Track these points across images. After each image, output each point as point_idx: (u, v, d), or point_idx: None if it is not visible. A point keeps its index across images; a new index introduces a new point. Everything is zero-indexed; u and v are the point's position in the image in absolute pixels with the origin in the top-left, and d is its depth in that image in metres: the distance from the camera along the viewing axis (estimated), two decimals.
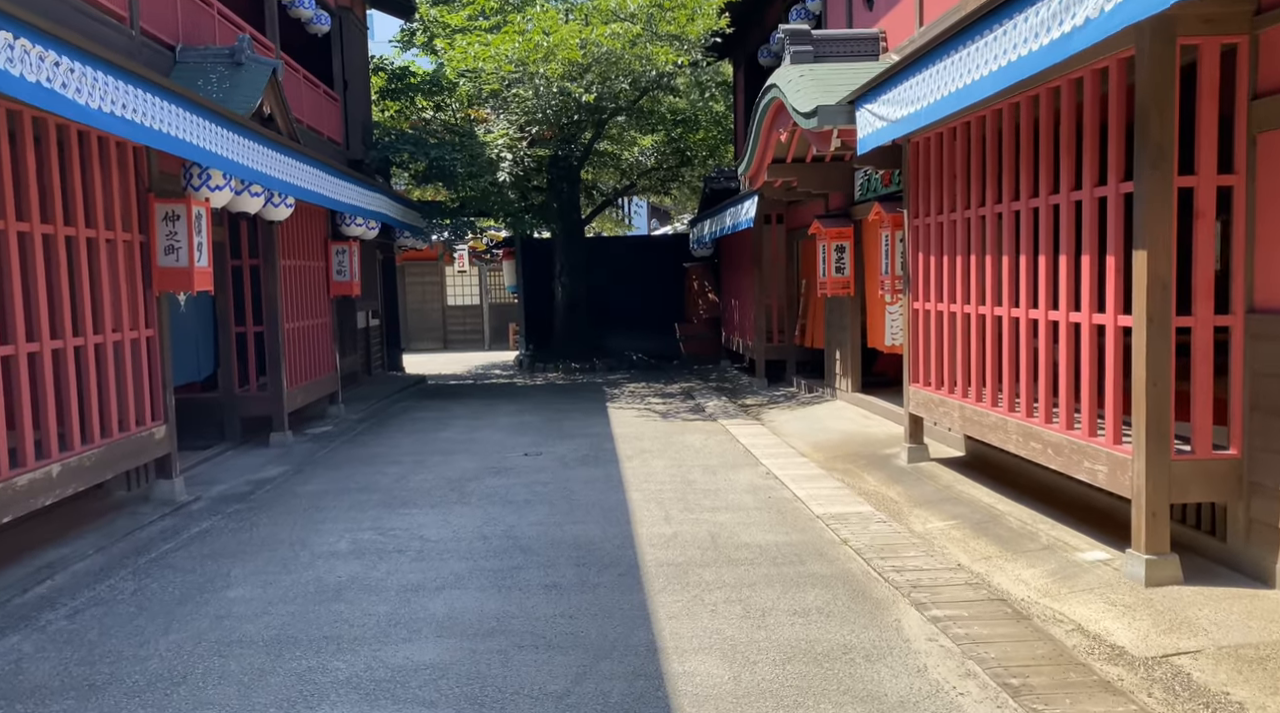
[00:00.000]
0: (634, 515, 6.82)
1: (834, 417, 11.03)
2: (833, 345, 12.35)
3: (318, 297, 11.86)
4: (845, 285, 11.42)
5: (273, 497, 7.73)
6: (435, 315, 26.78)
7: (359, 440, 10.67)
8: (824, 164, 11.36)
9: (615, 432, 10.92)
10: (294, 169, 9.17)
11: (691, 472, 8.45)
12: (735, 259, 17.13)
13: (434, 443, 10.37)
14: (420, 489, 7.88)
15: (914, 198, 8.03)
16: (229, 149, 7.46)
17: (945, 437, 8.63)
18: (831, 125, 8.24)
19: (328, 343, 12.15)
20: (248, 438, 10.31)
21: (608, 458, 9.20)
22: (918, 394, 7.96)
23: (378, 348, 17.49)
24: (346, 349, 15.03)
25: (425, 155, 14.61)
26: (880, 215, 9.20)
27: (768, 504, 7.13)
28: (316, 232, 11.92)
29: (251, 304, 10.22)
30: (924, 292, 7.83)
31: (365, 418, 12.48)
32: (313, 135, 13.49)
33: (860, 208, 11.20)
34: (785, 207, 14.76)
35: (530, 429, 11.21)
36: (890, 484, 7.58)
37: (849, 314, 11.65)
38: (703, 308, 19.45)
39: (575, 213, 19.57)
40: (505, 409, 13.22)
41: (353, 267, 12.33)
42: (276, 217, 9.50)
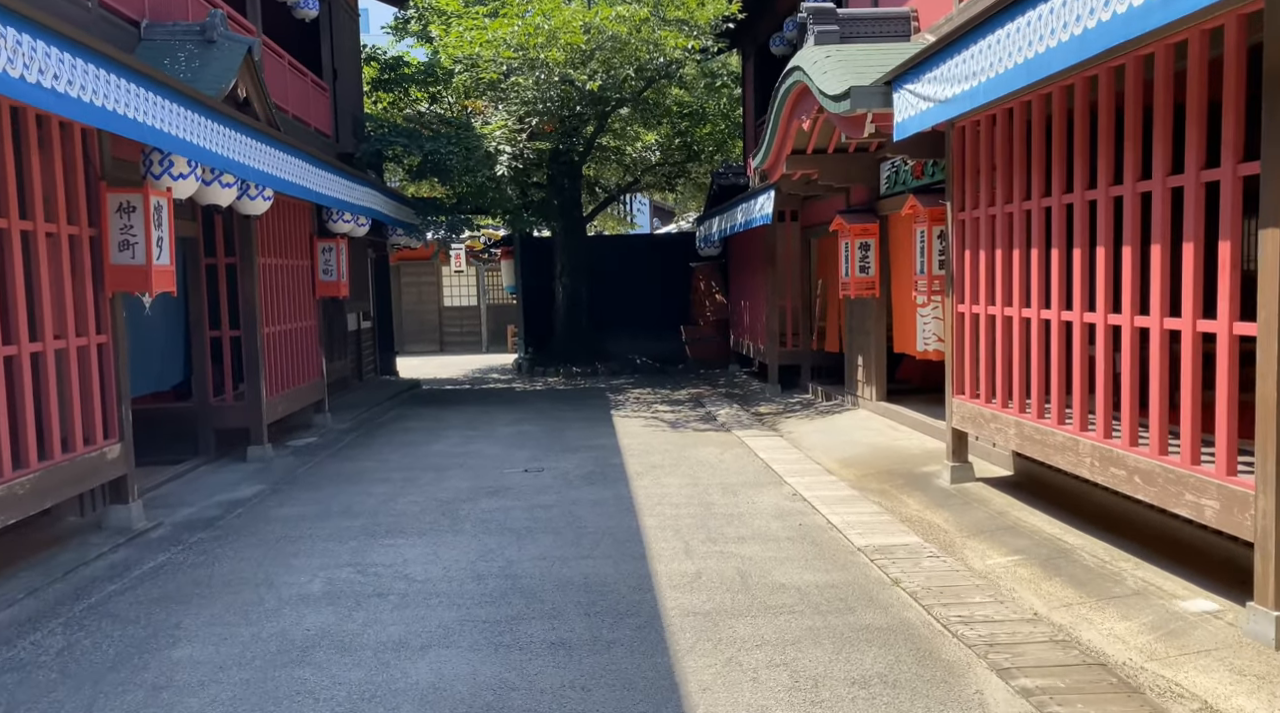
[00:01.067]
0: (650, 548, 5.99)
1: (859, 428, 10.20)
2: (854, 350, 11.53)
3: (302, 298, 11.04)
4: (870, 286, 10.60)
5: (243, 523, 6.90)
6: (431, 317, 25.95)
7: (345, 454, 9.84)
8: (847, 155, 10.55)
9: (622, 444, 10.10)
10: (272, 158, 8.35)
11: (709, 492, 7.63)
12: (745, 258, 16.31)
13: (426, 457, 9.54)
14: (408, 513, 7.06)
15: (958, 189, 7.21)
16: (195, 133, 6.63)
17: (989, 453, 7.81)
18: (865, 109, 7.43)
19: (313, 347, 11.33)
20: (223, 452, 9.48)
21: (616, 475, 8.38)
22: (963, 407, 7.15)
23: (369, 352, 16.66)
24: (335, 354, 14.20)
25: (419, 149, 13.78)
26: (915, 209, 8.38)
27: (800, 533, 6.31)
28: (301, 228, 11.09)
29: (228, 306, 9.39)
30: (970, 293, 7.02)
31: (353, 428, 11.65)
32: (298, 126, 12.67)
33: (887, 202, 10.38)
34: (801, 202, 13.94)
35: (530, 441, 10.39)
36: (935, 509, 6.76)
37: (873, 317, 10.83)
38: (710, 310, 18.64)
39: (576, 210, 18.75)
40: (503, 418, 12.39)
41: (340, 266, 11.50)
42: (253, 210, 8.68)
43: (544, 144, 15.31)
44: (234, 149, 7.42)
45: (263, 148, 8.12)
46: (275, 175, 8.45)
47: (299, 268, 10.96)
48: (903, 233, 10.17)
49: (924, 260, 8.39)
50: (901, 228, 10.18)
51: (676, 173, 18.94)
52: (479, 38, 12.68)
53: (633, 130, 19.28)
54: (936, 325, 9.65)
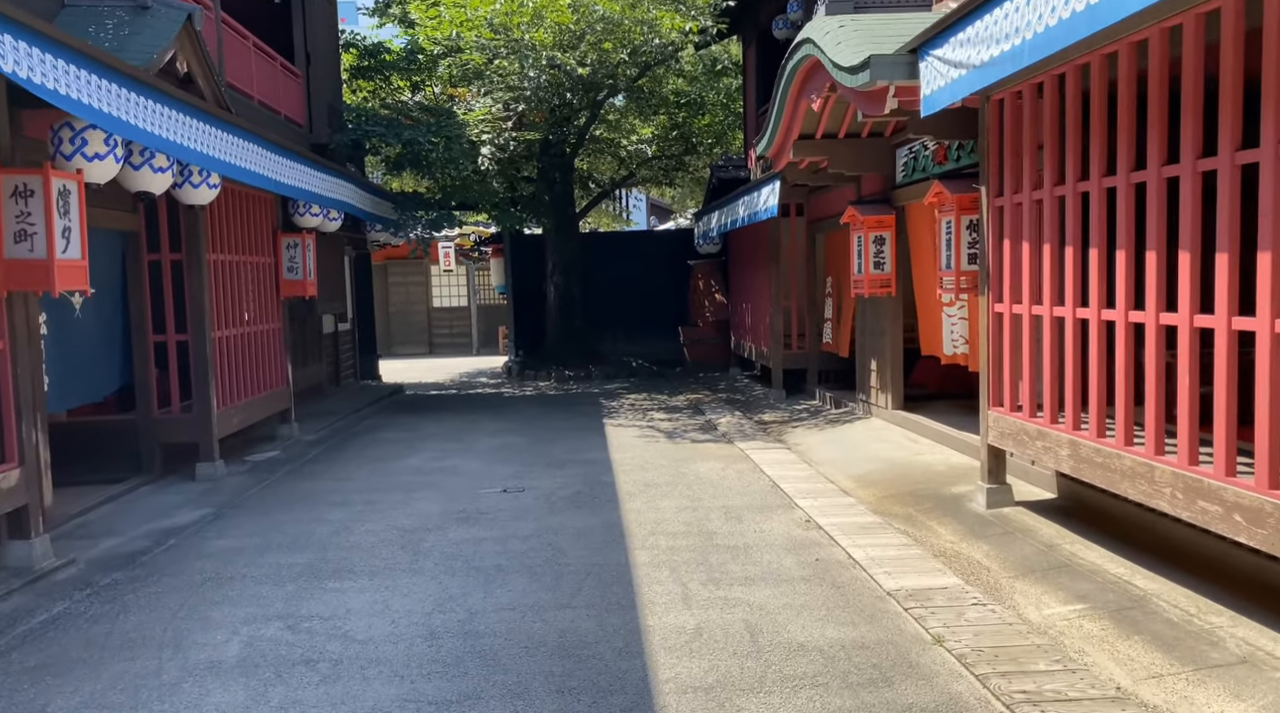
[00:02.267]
0: (641, 593, 5.05)
1: (874, 440, 9.27)
2: (867, 354, 10.60)
3: (264, 298, 10.09)
4: (885, 283, 9.67)
5: (171, 559, 5.96)
6: (420, 318, 25.00)
7: (306, 471, 8.89)
8: (859, 140, 9.63)
9: (614, 458, 9.17)
10: (219, 141, 7.42)
11: (710, 518, 6.70)
12: (747, 256, 15.38)
13: (395, 474, 8.60)
14: (363, 547, 6.11)
15: (994, 171, 6.28)
16: (113, 105, 5.70)
17: (1026, 472, 6.88)
18: (887, 81, 6.50)
19: (277, 352, 10.38)
20: (170, 469, 8.54)
21: (605, 496, 7.45)
22: (1002, 422, 6.21)
23: (348, 355, 15.72)
24: (308, 358, 13.26)
25: (397, 138, 12.83)
26: (941, 196, 7.45)
27: (817, 572, 5.38)
28: (262, 221, 10.15)
29: (173, 307, 8.44)
30: (1012, 290, 6.08)
31: (322, 440, 10.71)
32: (266, 113, 11.72)
33: (904, 192, 9.45)
34: (807, 195, 13.00)
35: (514, 455, 9.45)
36: (972, 541, 5.83)
37: (889, 317, 9.90)
38: (709, 310, 17.69)
39: (569, 206, 17.81)
40: (487, 427, 11.45)
41: (306, 262, 10.56)
42: (197, 199, 7.74)
43: (533, 134, 14.38)
44: (168, 128, 6.48)
45: (207, 129, 7.18)
46: (225, 160, 7.52)
47: (260, 265, 10.02)
48: (923, 224, 9.24)
49: (951, 254, 7.46)
50: (922, 219, 9.26)
51: (674, 166, 17.98)
52: (457, 16, 11.73)
53: (627, 123, 18.36)
54: (964, 326, 8.72)
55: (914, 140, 9.12)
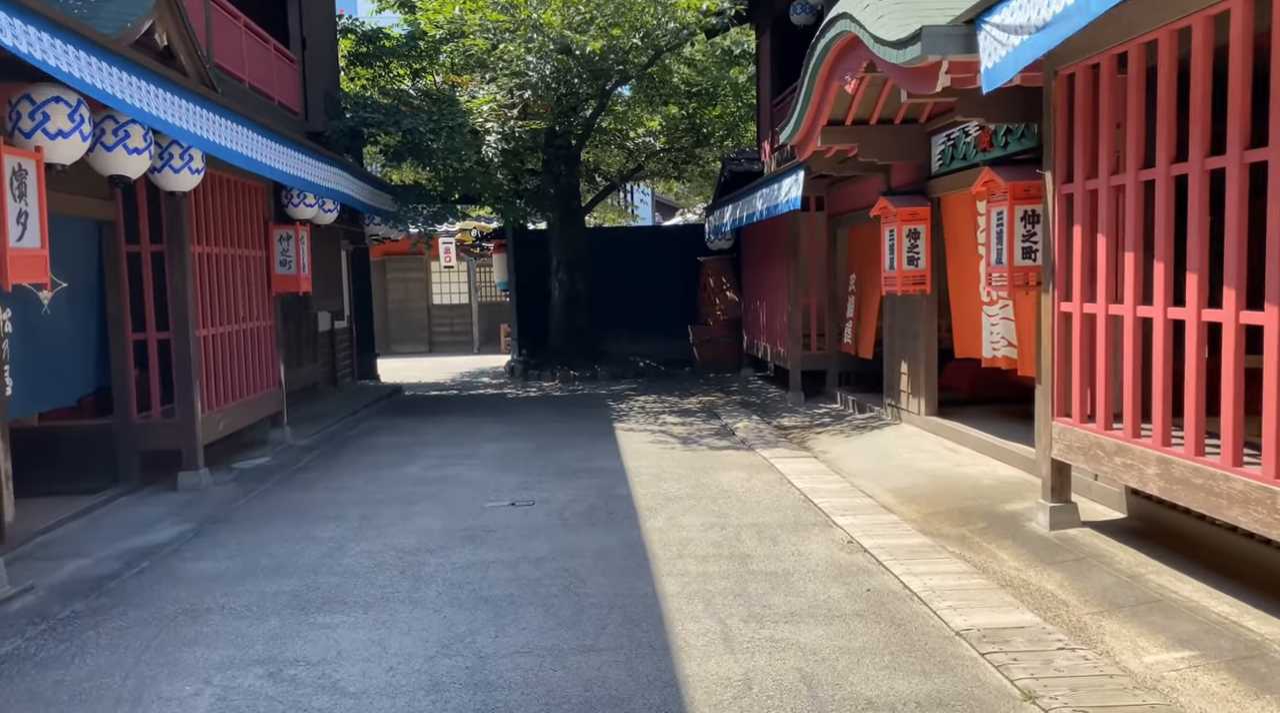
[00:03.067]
0: (674, 631, 4.42)
1: (908, 449, 8.63)
2: (897, 355, 9.96)
3: (254, 293, 9.45)
4: (919, 280, 9.02)
5: (142, 585, 5.32)
6: (419, 315, 24.35)
7: (297, 480, 8.25)
8: (892, 127, 8.99)
9: (628, 466, 8.53)
10: (202, 119, 6.77)
11: (741, 537, 6.06)
12: (762, 251, 14.73)
13: (394, 484, 7.96)
14: (358, 571, 5.47)
15: (1063, 155, 5.63)
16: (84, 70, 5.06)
17: (1088, 487, 6.24)
18: (940, 55, 5.84)
19: (268, 351, 9.74)
20: (150, 478, 7.90)
21: (622, 511, 6.81)
22: (1070, 434, 5.57)
23: (345, 354, 15.08)
24: (303, 357, 12.62)
25: (396, 127, 12.17)
26: (993, 185, 6.81)
27: (871, 605, 4.74)
28: (252, 212, 9.50)
29: (155, 303, 7.80)
30: (1084, 287, 5.44)
31: (316, 445, 10.06)
32: (258, 98, 11.08)
33: (941, 182, 8.81)
34: (827, 187, 12.36)
35: (520, 462, 8.81)
36: (1041, 568, 5.19)
37: (922, 317, 9.25)
38: (720, 308, 17.04)
39: (574, 199, 17.16)
40: (490, 431, 10.81)
41: (300, 256, 9.92)
42: (178, 185, 7.10)
43: (538, 123, 13.73)
44: (146, 101, 5.84)
45: (188, 105, 6.54)
46: (205, 138, 6.87)
47: (250, 259, 9.37)
48: (962, 216, 8.61)
49: (1002, 248, 6.81)
50: (960, 211, 8.62)
51: (684, 158, 17.31)
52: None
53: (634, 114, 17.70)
54: (1007, 327, 8.09)
55: (952, 126, 8.49)
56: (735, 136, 17.71)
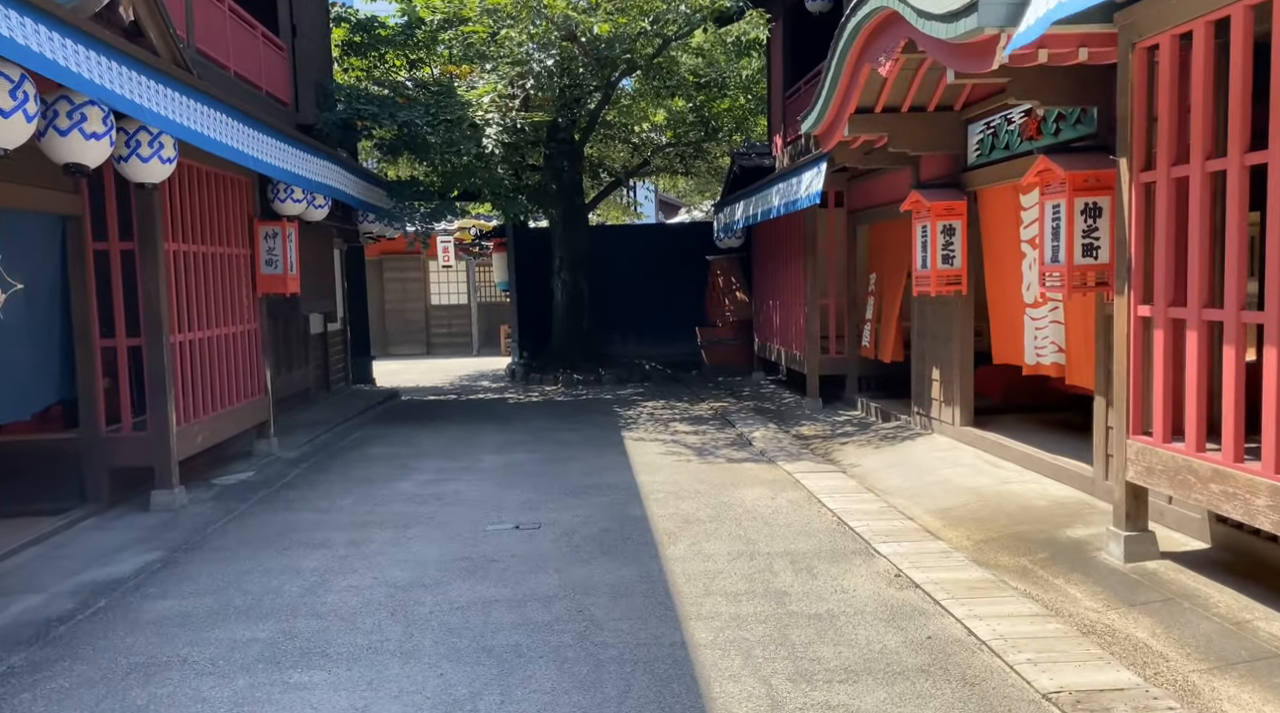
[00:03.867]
0: (711, 694, 3.76)
1: (944, 463, 7.97)
2: (927, 361, 9.30)
3: (237, 295, 8.78)
4: (955, 280, 8.36)
5: (93, 631, 4.65)
6: (417, 317, 23.67)
7: (282, 498, 7.59)
8: (926, 115, 8.34)
9: (640, 482, 7.88)
10: (173, 102, 6.11)
11: (775, 569, 5.40)
12: (775, 250, 14.07)
13: (386, 502, 7.30)
14: (342, 613, 4.81)
15: (1140, 138, 4.98)
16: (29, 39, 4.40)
17: (1161, 512, 5.58)
18: (998, 27, 5.21)
19: (253, 357, 9.07)
20: (121, 496, 7.24)
21: (639, 537, 6.15)
22: (1150, 455, 4.90)
23: (339, 358, 14.41)
24: (292, 362, 11.95)
25: (392, 118, 11.50)
26: (1049, 175, 6.14)
27: (936, 658, 4.08)
28: (235, 207, 8.83)
29: (125, 306, 7.14)
30: (1168, 289, 4.78)
31: (304, 457, 9.39)
32: (245, 88, 10.41)
33: (979, 174, 8.15)
34: (847, 182, 11.71)
35: (524, 477, 8.15)
36: (1125, 610, 4.53)
37: (957, 320, 8.59)
38: (729, 309, 16.38)
39: (577, 196, 16.50)
40: (491, 440, 10.15)
41: (287, 255, 9.25)
42: (147, 176, 6.44)
43: (540, 115, 13.05)
44: (102, 76, 5.18)
45: (156, 87, 5.88)
46: (181, 123, 6.21)
47: (232, 258, 8.70)
48: (1002, 211, 7.96)
49: (1058, 244, 6.14)
50: (1001, 205, 7.97)
51: (692, 153, 16.62)
52: None
53: (639, 109, 17.03)
54: (1055, 331, 7.44)
55: (993, 113, 7.84)
56: (744, 130, 17.05)
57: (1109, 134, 6.19)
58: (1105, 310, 6.25)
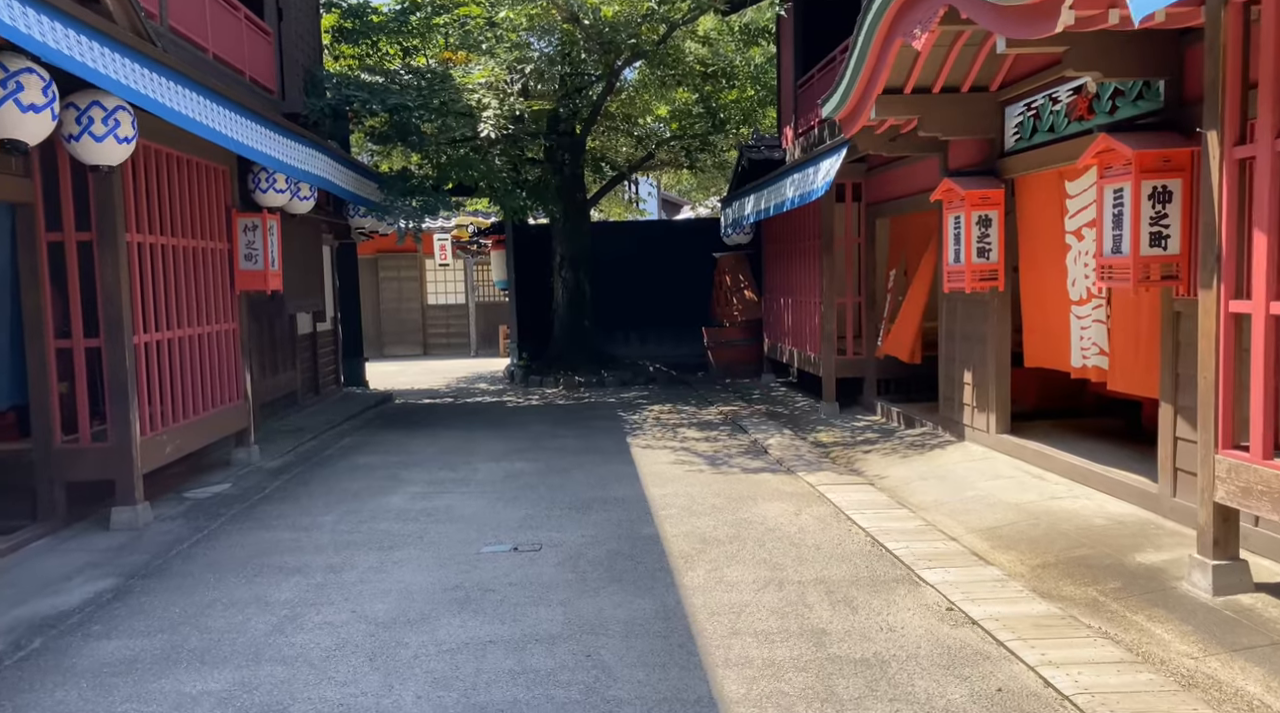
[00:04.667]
0: None
1: (981, 474, 7.31)
2: (957, 363, 8.63)
3: (213, 292, 8.12)
4: (990, 275, 7.71)
5: (21, 680, 3.99)
6: (413, 316, 23.00)
7: (259, 514, 6.92)
8: (959, 96, 7.71)
9: (650, 495, 7.22)
10: (128, 69, 5.45)
11: (808, 601, 4.75)
12: (787, 246, 13.40)
13: (373, 519, 6.64)
14: (312, 657, 4.15)
15: (1235, 108, 4.32)
16: None
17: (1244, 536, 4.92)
18: None
19: (230, 360, 8.41)
20: (81, 512, 6.58)
21: (652, 561, 5.49)
22: (1248, 473, 4.25)
23: (329, 359, 13.74)
24: (278, 364, 11.29)
25: (382, 104, 10.83)
26: (1112, 155, 5.48)
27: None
28: (210, 196, 8.17)
29: (83, 303, 6.47)
30: (1270, 281, 4.12)
31: (286, 466, 8.72)
32: (226, 73, 9.75)
33: (1017, 160, 7.49)
34: (864, 174, 11.05)
35: (524, 490, 7.49)
36: (1226, 657, 3.87)
37: (993, 318, 7.93)
38: (737, 308, 15.72)
39: (579, 191, 15.84)
40: (489, 449, 9.49)
41: (269, 249, 8.59)
42: (103, 157, 5.78)
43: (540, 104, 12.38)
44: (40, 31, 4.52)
45: (109, 52, 5.22)
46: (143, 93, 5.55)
47: (207, 252, 8.04)
48: (1043, 200, 7.31)
49: (1121, 233, 5.49)
50: (1042, 193, 7.32)
51: (698, 146, 15.96)
52: None
53: (642, 101, 16.37)
54: (1098, 332, 6.79)
55: (1035, 93, 7.18)
56: (752, 123, 16.39)
57: (1179, 110, 5.55)
58: (1173, 307, 5.59)
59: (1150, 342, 6.09)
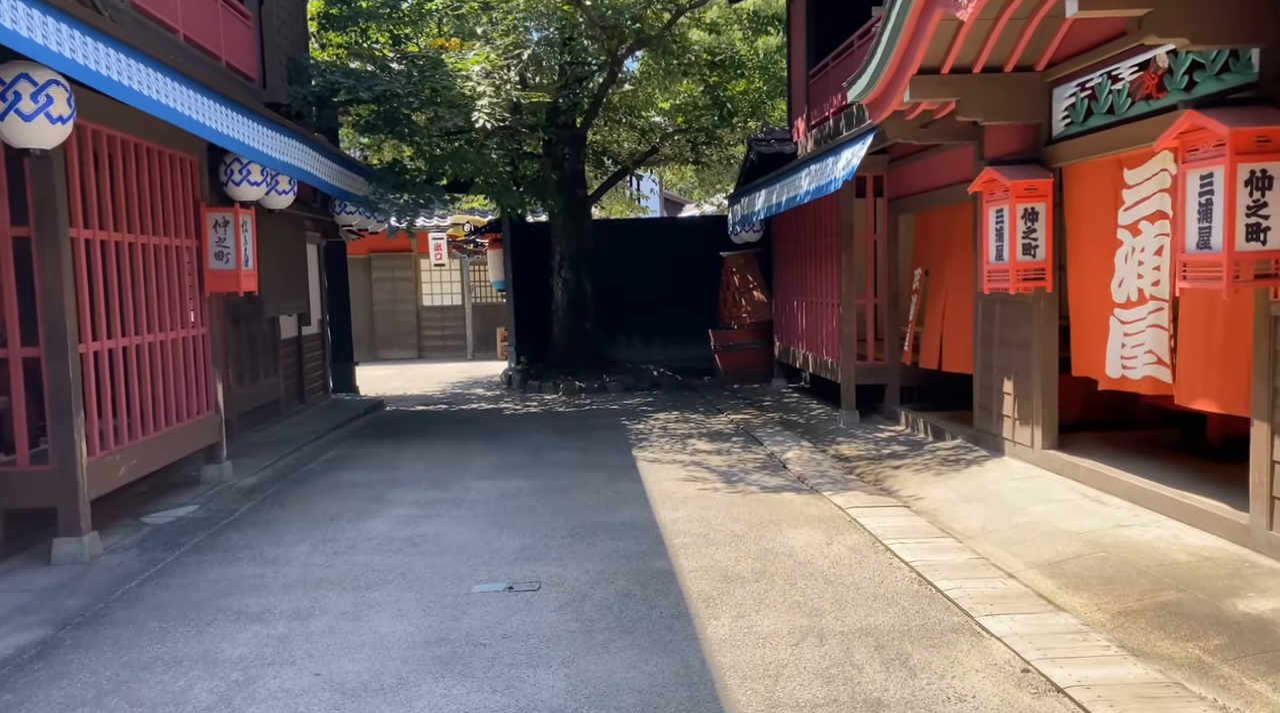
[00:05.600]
0: None
1: (1030, 496, 6.56)
2: (996, 370, 7.89)
3: (178, 294, 7.37)
4: (1037, 274, 6.96)
5: None
6: (408, 318, 22.24)
7: (223, 543, 6.17)
8: (1002, 76, 6.97)
9: (661, 519, 6.49)
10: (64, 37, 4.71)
11: (854, 658, 4.01)
12: (801, 244, 12.66)
13: (350, 551, 5.90)
14: None
15: None
16: None
17: None
18: None
19: (199, 368, 7.67)
20: (20, 544, 5.84)
21: (668, 605, 4.75)
22: None
23: (316, 365, 12.99)
24: (258, 371, 10.55)
25: (370, 91, 10.08)
26: (1201, 135, 4.73)
27: None
28: (176, 188, 7.43)
29: (21, 308, 5.73)
30: None
31: (262, 485, 7.97)
32: (201, 58, 9.00)
33: (1067, 147, 6.75)
34: (887, 167, 10.31)
35: (521, 514, 6.75)
36: None
37: (1039, 321, 7.19)
38: (746, 310, 14.96)
39: (579, 187, 15.10)
40: (483, 462, 8.76)
41: (241, 247, 7.84)
42: (34, 139, 5.04)
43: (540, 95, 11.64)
44: None
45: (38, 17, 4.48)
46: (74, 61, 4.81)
47: (172, 250, 7.30)
48: (1097, 190, 6.56)
49: (1210, 226, 4.74)
50: (1096, 184, 6.57)
51: (705, 139, 15.20)
52: None
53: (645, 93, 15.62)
54: (1155, 338, 6.08)
55: (1088, 71, 6.44)
56: (760, 116, 15.63)
57: (1277, 83, 4.80)
58: (1269, 310, 4.85)
59: (1228, 350, 5.36)
